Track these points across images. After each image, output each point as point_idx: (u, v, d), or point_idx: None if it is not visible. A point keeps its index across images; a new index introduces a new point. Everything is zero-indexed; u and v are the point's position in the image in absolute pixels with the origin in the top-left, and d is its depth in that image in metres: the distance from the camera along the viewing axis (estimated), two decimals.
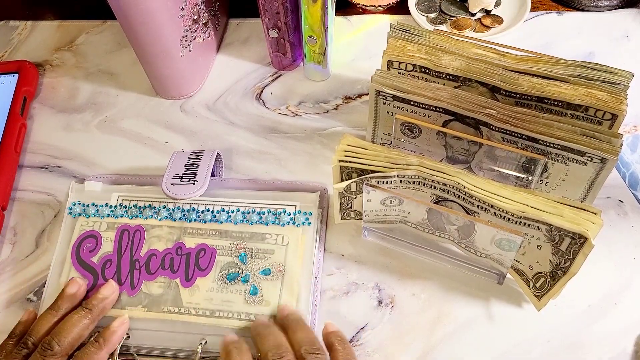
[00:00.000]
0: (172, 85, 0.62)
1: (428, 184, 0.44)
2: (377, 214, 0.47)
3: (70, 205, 0.53)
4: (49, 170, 0.59)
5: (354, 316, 0.48)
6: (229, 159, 0.58)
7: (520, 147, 0.44)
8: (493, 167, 0.47)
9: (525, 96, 0.45)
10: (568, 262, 0.40)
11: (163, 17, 0.54)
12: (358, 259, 0.51)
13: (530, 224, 0.41)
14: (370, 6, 0.67)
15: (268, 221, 0.51)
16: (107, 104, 0.64)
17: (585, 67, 0.45)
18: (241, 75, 0.65)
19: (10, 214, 0.57)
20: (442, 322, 0.47)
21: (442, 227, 0.46)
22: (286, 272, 0.48)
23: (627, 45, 0.63)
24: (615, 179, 0.53)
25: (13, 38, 0.72)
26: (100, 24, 0.72)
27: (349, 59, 0.65)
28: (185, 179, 0.51)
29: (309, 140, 0.59)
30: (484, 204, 0.41)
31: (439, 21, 0.65)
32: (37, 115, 0.64)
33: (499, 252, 0.43)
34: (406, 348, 0.46)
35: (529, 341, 0.46)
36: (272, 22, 0.58)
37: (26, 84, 0.64)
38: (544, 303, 0.43)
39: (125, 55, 0.68)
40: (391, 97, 0.47)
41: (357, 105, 0.61)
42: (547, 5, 0.67)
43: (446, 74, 0.47)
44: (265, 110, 0.62)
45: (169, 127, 0.61)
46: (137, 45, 0.57)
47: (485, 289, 0.48)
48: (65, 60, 0.69)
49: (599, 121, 0.44)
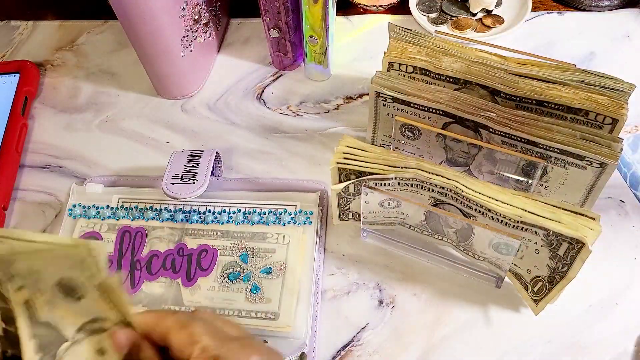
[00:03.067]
0: (173, 85, 0.62)
1: (426, 187, 0.44)
2: (375, 216, 0.47)
3: (70, 206, 0.53)
4: (50, 170, 0.60)
5: (354, 316, 0.48)
6: (229, 159, 0.58)
7: (519, 150, 0.44)
8: (493, 170, 0.47)
9: (525, 99, 0.45)
10: (566, 267, 0.40)
11: (164, 17, 0.54)
12: (359, 259, 0.51)
13: (528, 229, 0.41)
14: (371, 6, 0.67)
15: (269, 221, 0.51)
16: (108, 103, 0.64)
17: (587, 74, 0.44)
18: (242, 75, 0.65)
19: (11, 213, 0.57)
20: (442, 322, 0.47)
21: (440, 229, 0.46)
22: (287, 270, 0.48)
23: (628, 45, 0.63)
24: (616, 179, 0.53)
25: (14, 38, 0.72)
26: (101, 24, 0.72)
27: (350, 59, 0.65)
28: (185, 178, 0.51)
29: (310, 140, 0.59)
30: (481, 208, 0.41)
31: (439, 21, 0.65)
32: (38, 115, 0.64)
33: (497, 255, 0.43)
34: (407, 348, 0.46)
35: (530, 341, 0.46)
36: (273, 22, 0.58)
37: (27, 84, 0.64)
38: (541, 307, 0.44)
39: (126, 55, 0.68)
40: (391, 99, 0.47)
41: (357, 105, 0.61)
42: (548, 5, 0.67)
43: (446, 76, 0.47)
44: (266, 110, 0.62)
45: (170, 127, 0.62)
46: (138, 45, 0.57)
47: (484, 292, 0.48)
48: (66, 60, 0.69)
49: (599, 125, 0.44)
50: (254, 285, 0.48)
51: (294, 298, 0.47)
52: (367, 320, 0.48)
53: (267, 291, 0.48)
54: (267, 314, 0.47)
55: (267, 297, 0.47)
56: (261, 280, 0.48)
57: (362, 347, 0.47)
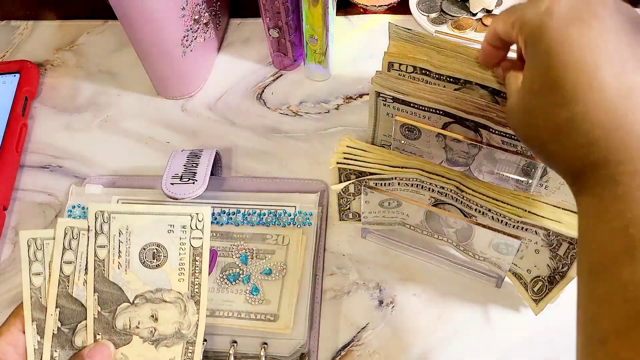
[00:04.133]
0: (173, 85, 0.62)
1: (426, 187, 0.44)
2: (375, 216, 0.47)
3: (69, 208, 0.53)
4: (50, 170, 0.60)
5: (355, 316, 0.48)
6: (229, 159, 0.58)
7: (519, 150, 0.44)
8: (493, 170, 0.47)
9: None
10: (566, 266, 0.40)
11: (164, 17, 0.54)
12: (359, 259, 0.51)
13: (528, 228, 0.41)
14: (371, 6, 0.67)
15: (269, 222, 0.51)
16: (108, 103, 0.64)
17: None
18: (242, 75, 0.65)
19: (11, 213, 0.57)
20: (442, 322, 0.47)
21: (440, 229, 0.46)
22: (287, 272, 0.48)
23: None
24: None
25: (14, 38, 0.72)
26: (101, 24, 0.72)
27: (350, 59, 0.65)
28: (184, 178, 0.51)
29: (310, 140, 0.59)
30: (481, 208, 0.41)
31: (439, 21, 0.65)
32: (38, 115, 0.64)
33: (497, 255, 0.43)
34: (407, 348, 0.46)
35: (530, 342, 0.46)
36: (273, 21, 0.58)
37: (27, 84, 0.64)
38: (541, 307, 0.44)
39: (126, 55, 0.68)
40: (391, 99, 0.47)
41: (358, 105, 0.61)
42: None
43: (447, 76, 0.47)
44: (266, 110, 0.62)
45: (170, 127, 0.62)
46: (138, 45, 0.57)
47: (484, 292, 0.48)
48: (66, 60, 0.69)
49: None
50: (254, 287, 0.48)
51: (293, 299, 0.47)
52: (367, 320, 0.48)
53: (267, 292, 0.48)
54: (267, 315, 0.47)
55: (266, 298, 0.47)
56: (261, 281, 0.48)
57: (362, 348, 0.47)
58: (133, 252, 0.42)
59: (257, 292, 0.48)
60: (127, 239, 0.42)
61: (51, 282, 0.41)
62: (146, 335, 0.42)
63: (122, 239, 0.42)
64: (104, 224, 0.42)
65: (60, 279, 0.41)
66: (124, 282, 0.42)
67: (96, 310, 0.41)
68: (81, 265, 0.42)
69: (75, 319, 0.42)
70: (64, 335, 0.41)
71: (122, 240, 0.42)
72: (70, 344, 0.41)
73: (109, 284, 0.42)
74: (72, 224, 0.42)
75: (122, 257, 0.42)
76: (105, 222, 0.42)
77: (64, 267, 0.42)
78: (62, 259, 0.42)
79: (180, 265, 0.42)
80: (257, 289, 0.48)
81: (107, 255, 0.42)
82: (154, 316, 0.42)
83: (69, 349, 0.41)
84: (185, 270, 0.42)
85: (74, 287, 0.42)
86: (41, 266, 0.42)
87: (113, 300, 0.42)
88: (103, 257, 0.42)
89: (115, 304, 0.42)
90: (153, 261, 0.42)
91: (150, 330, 0.42)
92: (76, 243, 0.42)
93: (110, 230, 0.42)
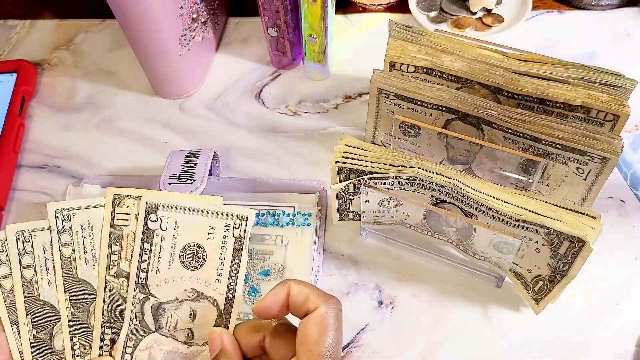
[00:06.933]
0: (171, 84, 0.62)
1: (426, 186, 0.43)
2: (375, 215, 0.47)
3: None
4: (48, 170, 0.59)
5: (354, 317, 0.48)
6: (228, 159, 0.58)
7: (521, 147, 0.44)
8: (493, 168, 0.46)
9: (527, 98, 0.45)
10: (567, 266, 0.40)
11: (162, 16, 0.54)
12: (358, 260, 0.51)
13: (528, 227, 0.40)
14: (370, 5, 0.67)
15: (267, 223, 0.50)
16: (105, 103, 0.64)
17: (589, 70, 0.44)
18: (240, 74, 0.65)
19: (8, 213, 0.57)
20: (442, 322, 0.47)
21: (440, 229, 0.46)
22: (286, 272, 0.48)
23: (628, 44, 0.62)
24: (616, 178, 0.53)
25: (11, 37, 0.72)
26: (98, 23, 0.72)
27: (349, 58, 0.64)
28: (182, 178, 0.51)
29: (309, 139, 0.59)
30: (482, 207, 0.41)
31: (439, 20, 0.65)
32: (35, 115, 0.64)
33: (497, 254, 0.43)
34: (407, 349, 0.46)
35: (529, 342, 0.45)
36: (272, 20, 0.58)
37: (24, 84, 0.64)
38: (542, 307, 0.43)
39: (124, 54, 0.68)
40: (394, 95, 0.46)
41: (357, 104, 0.61)
42: (548, 4, 0.67)
43: (448, 74, 0.47)
44: (264, 109, 0.62)
45: (168, 126, 0.61)
46: (136, 44, 0.57)
47: (484, 292, 0.48)
48: (63, 59, 0.69)
49: (600, 123, 0.43)
50: (252, 288, 0.48)
51: None
52: (367, 321, 0.48)
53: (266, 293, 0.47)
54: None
55: None
56: (259, 282, 0.48)
57: (361, 348, 0.46)
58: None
59: (256, 293, 0.47)
60: (89, 233, 0.41)
61: (16, 290, 0.41)
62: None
63: (85, 234, 0.41)
64: (65, 222, 0.41)
65: (24, 285, 0.41)
66: (94, 277, 0.41)
67: (69, 310, 0.41)
68: (41, 266, 0.41)
69: (50, 322, 0.41)
70: (42, 343, 0.41)
71: (85, 235, 0.41)
72: (50, 349, 0.41)
73: (79, 281, 0.41)
74: (21, 228, 0.41)
75: (87, 252, 0.41)
76: (66, 219, 0.41)
77: (24, 272, 0.41)
78: (21, 265, 0.41)
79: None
80: (256, 290, 0.47)
81: (73, 252, 0.41)
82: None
83: (51, 354, 0.41)
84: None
85: (40, 290, 0.41)
86: (8, 268, 0.41)
87: (85, 298, 0.41)
88: (69, 254, 0.41)
89: (88, 302, 0.41)
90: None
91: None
92: (30, 245, 0.41)
93: (73, 227, 0.41)
